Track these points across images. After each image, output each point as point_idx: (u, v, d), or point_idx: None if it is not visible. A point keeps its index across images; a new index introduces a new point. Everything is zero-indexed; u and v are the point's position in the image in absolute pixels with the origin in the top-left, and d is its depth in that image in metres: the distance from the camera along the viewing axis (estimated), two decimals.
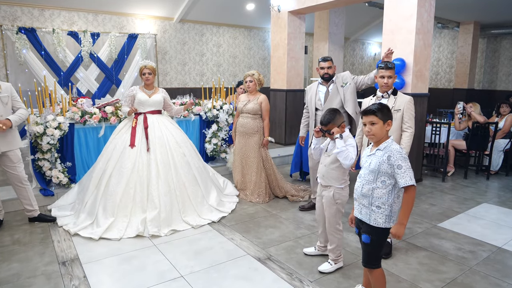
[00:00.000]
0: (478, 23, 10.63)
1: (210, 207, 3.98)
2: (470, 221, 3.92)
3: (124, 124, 3.99)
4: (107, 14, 8.26)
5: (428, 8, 4.99)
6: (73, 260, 3.01)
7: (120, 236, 3.39)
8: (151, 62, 3.96)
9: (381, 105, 2.18)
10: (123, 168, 3.67)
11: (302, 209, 4.19)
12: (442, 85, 12.46)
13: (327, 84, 3.91)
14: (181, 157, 3.93)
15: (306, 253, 3.10)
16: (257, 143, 4.49)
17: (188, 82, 9.71)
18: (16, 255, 3.09)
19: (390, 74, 3.18)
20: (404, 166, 2.04)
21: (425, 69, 5.16)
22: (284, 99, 7.35)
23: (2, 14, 7.12)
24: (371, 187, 2.16)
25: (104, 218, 3.54)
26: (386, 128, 2.14)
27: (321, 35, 8.78)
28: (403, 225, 2.08)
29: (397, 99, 3.21)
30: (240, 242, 3.35)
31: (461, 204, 4.42)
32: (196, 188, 3.95)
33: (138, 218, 3.55)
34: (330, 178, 2.81)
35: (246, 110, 4.46)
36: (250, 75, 4.44)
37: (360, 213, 2.24)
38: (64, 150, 4.50)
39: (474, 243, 3.39)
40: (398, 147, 2.11)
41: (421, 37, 4.96)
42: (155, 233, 3.43)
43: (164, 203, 3.63)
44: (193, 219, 3.73)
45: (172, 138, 3.95)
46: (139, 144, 3.79)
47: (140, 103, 3.91)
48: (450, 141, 5.71)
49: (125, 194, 3.61)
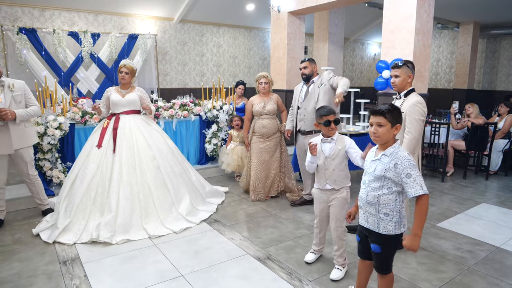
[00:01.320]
0: (478, 23, 10.65)
1: (178, 215, 3.73)
2: (469, 221, 3.94)
3: (99, 126, 3.88)
4: (107, 14, 8.27)
5: (428, 9, 5.01)
6: (74, 259, 3.03)
7: (74, 241, 3.27)
8: (132, 63, 3.86)
9: (392, 107, 2.03)
10: (87, 169, 3.56)
11: (294, 204, 4.34)
12: (441, 86, 12.48)
13: (307, 84, 4.09)
14: (150, 160, 3.74)
15: (308, 261, 2.99)
16: (277, 142, 4.57)
17: (188, 82, 9.73)
18: (17, 254, 3.11)
19: (397, 73, 3.07)
20: (414, 174, 1.92)
21: (424, 70, 5.17)
22: (284, 99, 7.35)
23: (3, 15, 7.14)
24: (377, 194, 2.05)
25: (64, 219, 3.42)
26: (393, 132, 2.01)
27: (321, 36, 8.80)
28: (418, 236, 1.94)
29: (405, 101, 3.06)
30: (240, 242, 3.37)
31: (460, 204, 4.44)
32: (164, 194, 3.73)
33: (95, 222, 3.41)
34: (342, 180, 2.76)
35: (267, 111, 4.47)
36: (265, 76, 4.45)
37: (367, 221, 2.13)
38: (65, 150, 4.53)
39: (472, 243, 3.40)
40: (406, 153, 1.98)
41: (420, 38, 4.98)
42: (106, 240, 3.26)
43: (123, 207, 3.46)
44: (153, 227, 3.51)
45: (142, 139, 3.77)
46: (106, 145, 3.66)
47: (114, 104, 3.80)
48: (449, 142, 5.72)
49: (86, 195, 3.48)
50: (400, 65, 3.08)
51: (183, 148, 5.55)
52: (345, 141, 2.76)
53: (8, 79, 3.50)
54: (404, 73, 3.07)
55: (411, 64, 3.14)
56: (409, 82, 3.10)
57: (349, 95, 6.30)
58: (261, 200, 4.50)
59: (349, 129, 5.35)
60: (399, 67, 3.08)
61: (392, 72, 3.14)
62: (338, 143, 2.75)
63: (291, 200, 4.45)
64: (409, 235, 1.97)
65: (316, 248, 3.03)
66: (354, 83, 13.31)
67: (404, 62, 3.10)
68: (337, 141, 2.76)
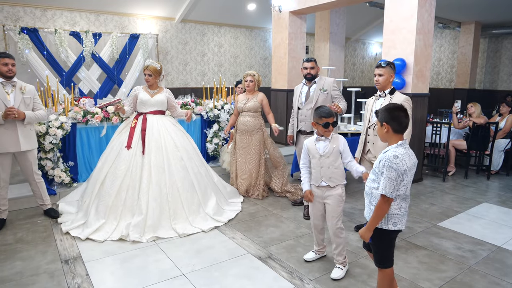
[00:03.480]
0: (480, 23, 10.64)
1: (205, 215, 3.76)
2: (470, 220, 3.94)
3: (126, 124, 3.93)
4: (109, 14, 8.29)
5: (429, 9, 5.01)
6: (76, 258, 3.04)
7: (104, 238, 3.33)
8: (155, 63, 3.81)
9: (386, 107, 2.15)
10: (117, 170, 3.60)
11: (295, 203, 4.36)
12: (443, 85, 12.47)
13: (309, 84, 4.02)
14: (178, 161, 3.77)
15: (307, 259, 3.01)
16: (259, 141, 4.57)
17: (189, 82, 9.74)
18: (19, 253, 3.12)
19: (381, 72, 3.27)
20: (386, 174, 2.02)
21: (425, 69, 5.17)
22: (285, 99, 7.37)
23: (5, 15, 7.16)
24: (371, 187, 2.17)
25: (96, 219, 3.49)
26: (383, 130, 2.12)
27: (322, 35, 8.80)
28: (370, 231, 2.12)
29: (392, 98, 3.24)
30: (241, 241, 3.38)
31: (462, 204, 4.44)
32: (192, 194, 3.77)
33: (126, 222, 3.47)
34: (337, 177, 2.79)
35: (247, 108, 4.52)
36: (251, 74, 4.53)
37: (365, 212, 2.27)
38: (67, 149, 4.54)
39: (474, 242, 3.40)
40: (393, 155, 2.02)
41: (421, 38, 4.98)
42: (136, 239, 3.33)
43: (153, 208, 3.50)
44: (182, 227, 3.54)
45: (170, 140, 3.81)
46: (135, 146, 3.70)
47: (141, 103, 3.84)
48: (450, 141, 5.72)
49: (117, 196, 3.54)
50: (384, 65, 3.30)
51: None
52: (339, 140, 2.80)
53: (21, 82, 3.62)
54: (387, 72, 3.30)
55: (393, 65, 3.37)
56: (391, 81, 3.32)
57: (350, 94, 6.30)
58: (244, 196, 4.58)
59: (350, 129, 5.35)
60: (383, 67, 3.31)
61: (376, 71, 3.35)
62: (332, 142, 2.78)
63: (292, 200, 4.45)
64: (364, 227, 2.17)
65: (316, 248, 3.04)
66: (355, 82, 13.30)
67: (387, 62, 3.32)
68: (332, 139, 2.79)
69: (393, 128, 2.08)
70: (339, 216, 2.81)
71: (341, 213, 2.82)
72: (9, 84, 3.53)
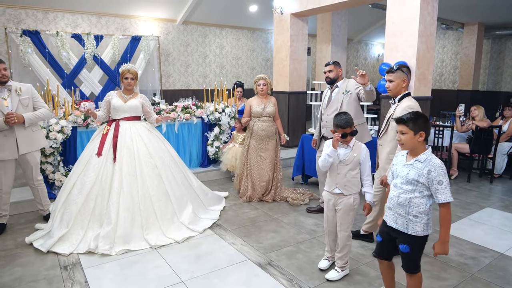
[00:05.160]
0: (483, 24, 10.56)
1: (180, 224, 3.62)
2: (472, 226, 3.90)
3: (99, 131, 3.76)
4: (110, 16, 8.29)
5: (431, 11, 4.97)
6: (75, 264, 3.02)
7: (70, 252, 3.16)
8: (134, 66, 3.75)
9: (414, 115, 2.14)
10: (86, 178, 3.44)
11: (309, 211, 4.25)
12: (446, 87, 12.40)
13: (331, 88, 3.95)
14: (151, 169, 3.62)
15: (322, 268, 2.93)
16: (274, 146, 4.55)
17: (191, 84, 9.73)
18: (18, 259, 3.11)
19: (391, 78, 3.04)
20: (445, 182, 2.05)
21: (428, 72, 5.13)
22: (287, 102, 7.35)
23: (7, 17, 7.17)
24: (408, 197, 2.14)
25: (59, 228, 3.32)
26: (418, 139, 2.11)
27: (324, 37, 8.77)
28: (447, 242, 2.11)
29: (399, 106, 3.02)
30: (241, 247, 3.36)
31: (464, 209, 4.40)
32: (166, 204, 3.62)
33: (94, 232, 3.30)
34: (352, 186, 2.75)
35: (267, 113, 4.48)
36: (264, 78, 4.47)
37: (396, 222, 2.21)
38: (67, 153, 4.54)
39: (476, 249, 3.37)
40: (439, 161, 2.08)
41: (423, 40, 4.94)
42: (105, 252, 3.16)
43: (123, 218, 3.34)
44: (154, 237, 3.40)
45: (144, 147, 3.65)
46: (106, 153, 3.54)
47: (114, 109, 3.68)
48: (453, 144, 5.68)
49: (85, 205, 3.37)
50: (395, 69, 3.05)
51: (185, 151, 5.55)
52: (361, 150, 2.75)
53: (15, 83, 3.51)
54: (398, 77, 3.02)
55: (406, 68, 3.09)
56: (404, 86, 3.04)
57: None
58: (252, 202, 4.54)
59: None
60: (393, 72, 3.04)
61: (386, 77, 3.10)
62: (354, 150, 2.73)
63: (292, 204, 4.42)
64: (438, 242, 2.13)
65: (329, 254, 2.98)
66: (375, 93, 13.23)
67: (398, 66, 3.07)
68: (354, 147, 2.74)
69: (427, 136, 2.14)
70: (349, 224, 2.79)
71: (351, 221, 2.79)
72: (5, 89, 3.42)
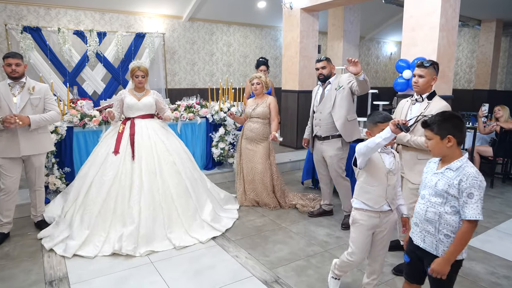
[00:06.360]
0: (501, 20, 10.10)
1: (202, 222, 3.55)
2: (501, 238, 3.53)
3: (112, 129, 3.67)
4: (114, 12, 8.05)
5: (453, 3, 4.60)
6: (61, 279, 2.74)
7: (95, 254, 3.05)
8: (144, 63, 3.63)
9: (440, 117, 1.81)
10: (104, 177, 3.33)
11: (311, 215, 4.01)
12: (461, 86, 11.94)
13: (324, 86, 3.73)
14: (171, 166, 3.55)
15: None
16: (265, 150, 4.22)
17: (197, 82, 9.46)
18: (1, 271, 2.84)
19: (422, 73, 2.77)
20: (477, 195, 1.70)
21: (448, 70, 4.77)
22: (296, 101, 7.02)
23: (8, 13, 6.96)
24: (438, 212, 1.81)
25: (80, 230, 3.19)
26: (446, 144, 1.78)
27: (335, 34, 8.42)
28: (450, 261, 1.76)
29: (430, 104, 2.77)
30: (246, 261, 3.04)
31: (490, 218, 4.02)
32: (187, 200, 3.54)
33: (117, 233, 3.19)
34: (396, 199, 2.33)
35: (256, 114, 4.20)
36: (258, 77, 4.22)
37: (424, 241, 1.88)
38: (62, 155, 4.27)
39: (508, 266, 3.00)
40: (475, 171, 1.73)
41: (445, 35, 4.58)
42: (129, 252, 3.06)
43: (145, 217, 3.25)
44: (178, 237, 3.31)
45: (162, 145, 3.59)
46: (123, 151, 3.44)
47: (128, 107, 3.61)
48: (475, 147, 5.30)
49: (105, 205, 3.26)
50: (427, 65, 2.80)
51: None
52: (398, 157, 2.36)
53: (32, 81, 3.35)
54: (429, 74, 2.79)
55: (437, 66, 2.86)
56: (432, 84, 2.83)
57: (367, 96, 5.93)
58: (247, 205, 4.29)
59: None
60: (426, 67, 2.79)
61: (416, 71, 2.84)
62: (396, 156, 2.32)
63: (308, 212, 4.09)
64: (439, 258, 1.79)
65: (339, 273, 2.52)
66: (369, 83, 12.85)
67: (431, 62, 2.82)
68: (395, 154, 2.33)
69: (458, 140, 1.78)
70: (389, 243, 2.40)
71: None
72: (17, 85, 3.26)
